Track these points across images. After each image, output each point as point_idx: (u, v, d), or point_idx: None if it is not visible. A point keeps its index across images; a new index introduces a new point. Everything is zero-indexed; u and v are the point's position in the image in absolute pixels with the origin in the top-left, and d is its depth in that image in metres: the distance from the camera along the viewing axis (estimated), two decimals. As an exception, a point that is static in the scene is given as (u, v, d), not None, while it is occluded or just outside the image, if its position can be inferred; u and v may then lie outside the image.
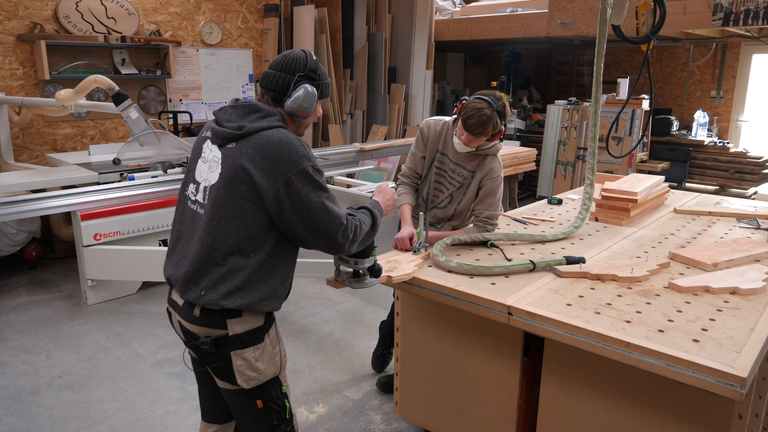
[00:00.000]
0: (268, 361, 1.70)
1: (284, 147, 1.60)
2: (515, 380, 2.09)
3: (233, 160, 1.62)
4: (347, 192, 4.23)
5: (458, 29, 7.65)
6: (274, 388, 1.74)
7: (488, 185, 2.50)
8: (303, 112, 1.69)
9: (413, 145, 2.70)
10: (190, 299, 1.65)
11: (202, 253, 1.64)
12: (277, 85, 1.70)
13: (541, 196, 6.99)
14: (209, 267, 1.63)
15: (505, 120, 2.41)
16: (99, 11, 5.75)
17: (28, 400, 2.94)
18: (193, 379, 3.06)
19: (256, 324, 1.67)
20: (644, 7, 2.67)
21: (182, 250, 1.71)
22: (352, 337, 3.67)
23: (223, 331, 1.64)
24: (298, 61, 1.71)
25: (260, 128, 1.63)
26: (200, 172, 1.71)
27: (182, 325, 1.72)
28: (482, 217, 2.52)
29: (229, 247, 1.62)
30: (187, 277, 1.66)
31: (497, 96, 2.39)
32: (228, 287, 1.60)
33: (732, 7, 5.24)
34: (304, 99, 1.68)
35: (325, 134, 7.55)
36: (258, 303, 1.63)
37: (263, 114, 1.67)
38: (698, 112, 6.85)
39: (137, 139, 4.35)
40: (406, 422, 2.75)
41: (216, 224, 1.63)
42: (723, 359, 1.50)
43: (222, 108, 1.74)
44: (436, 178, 2.64)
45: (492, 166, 2.51)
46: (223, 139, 1.66)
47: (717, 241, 2.57)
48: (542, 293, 1.96)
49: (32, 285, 4.50)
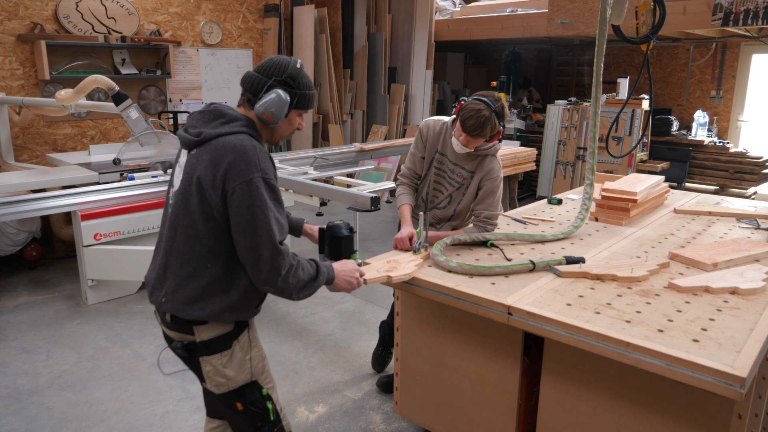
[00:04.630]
0: (237, 368, 1.69)
1: (235, 154, 1.54)
2: (515, 380, 2.09)
3: (191, 168, 1.60)
4: (347, 192, 4.23)
5: (458, 29, 7.65)
6: (251, 391, 1.73)
7: (487, 185, 2.50)
8: (270, 118, 1.62)
9: (412, 145, 2.70)
10: (154, 303, 1.68)
11: (164, 258, 1.65)
12: (251, 86, 1.66)
13: (541, 196, 6.99)
14: (168, 273, 1.64)
15: (504, 121, 2.40)
16: (99, 11, 5.75)
17: (28, 400, 2.94)
18: (192, 379, 3.07)
19: (223, 331, 1.65)
20: (644, 7, 2.67)
21: (157, 253, 1.73)
22: (352, 337, 3.67)
23: (192, 337, 1.66)
24: (278, 66, 1.65)
25: (218, 134, 1.59)
26: (175, 176, 1.72)
27: (162, 327, 1.75)
28: (482, 217, 2.52)
29: (184, 255, 1.61)
30: (154, 281, 1.68)
31: (496, 97, 2.38)
32: (185, 296, 1.60)
33: (732, 7, 5.25)
34: (272, 104, 1.61)
35: (325, 134, 7.55)
36: (218, 315, 1.61)
37: (226, 120, 1.63)
38: (698, 112, 6.85)
39: (137, 139, 4.35)
40: (406, 422, 2.76)
41: (173, 231, 1.63)
42: (723, 359, 1.50)
43: (192, 113, 1.72)
44: (435, 178, 2.64)
45: (491, 167, 2.51)
46: (186, 145, 1.65)
47: (717, 241, 2.57)
48: (542, 293, 1.96)
49: (32, 285, 4.50)
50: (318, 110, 7.49)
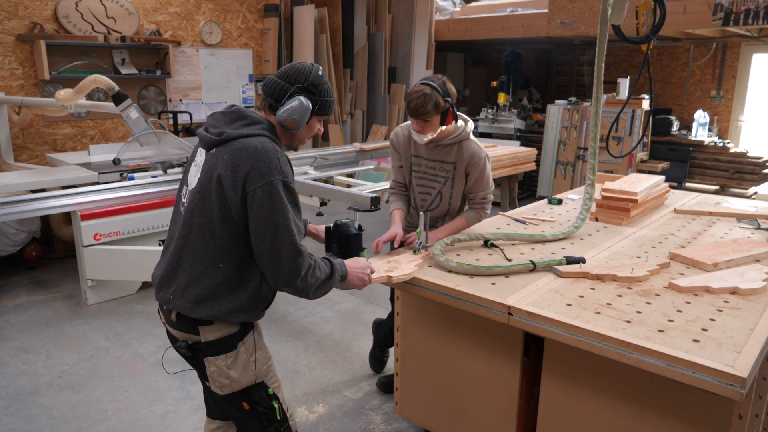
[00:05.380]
0: (242, 370, 1.69)
1: (256, 156, 1.56)
2: (515, 380, 2.09)
3: (210, 167, 1.61)
4: (347, 192, 4.22)
5: (458, 29, 7.65)
6: (258, 391, 1.74)
7: (474, 171, 2.48)
8: (292, 124, 1.65)
9: (390, 158, 2.71)
10: (161, 300, 1.68)
11: (175, 256, 1.65)
12: (274, 92, 1.68)
13: (541, 196, 6.99)
14: (179, 271, 1.64)
15: (450, 98, 2.32)
16: (99, 11, 5.75)
17: (28, 400, 2.94)
18: (192, 379, 3.07)
19: (229, 332, 1.66)
20: (644, 7, 2.67)
21: (167, 251, 1.73)
22: (352, 337, 3.66)
23: (197, 337, 1.66)
24: (301, 72, 1.68)
25: (240, 135, 1.60)
26: (191, 175, 1.72)
27: (166, 327, 1.75)
28: (477, 200, 2.55)
29: (197, 254, 1.61)
30: (162, 278, 1.68)
31: (437, 76, 2.35)
32: (195, 295, 1.60)
33: (732, 7, 5.24)
34: (295, 111, 1.64)
35: (325, 134, 7.55)
36: (225, 315, 1.62)
37: (248, 122, 1.65)
38: (698, 112, 6.85)
39: (137, 139, 4.35)
40: (406, 422, 2.75)
41: (188, 229, 1.63)
42: (723, 359, 1.50)
43: (213, 113, 1.74)
44: (418, 182, 2.62)
45: (471, 152, 2.46)
46: (206, 145, 1.66)
47: (717, 241, 2.57)
48: (542, 293, 1.96)
49: (32, 285, 4.50)
50: (318, 110, 7.48)
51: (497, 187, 6.76)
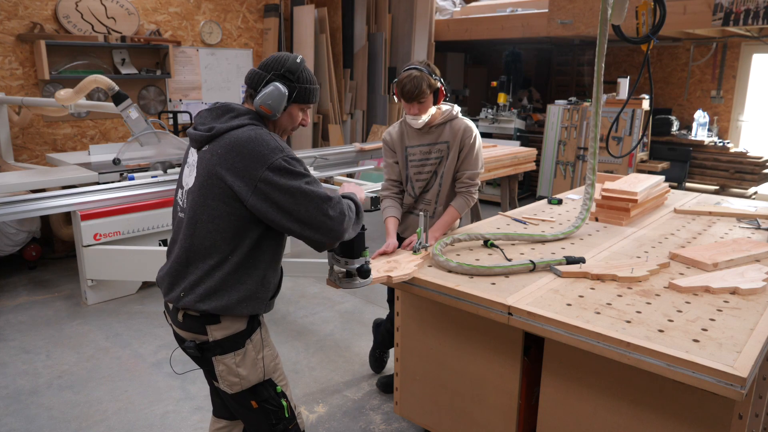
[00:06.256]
0: (250, 367, 1.70)
1: (253, 144, 1.58)
2: (515, 380, 2.09)
3: (206, 163, 1.63)
4: (347, 192, 4.22)
5: (458, 29, 7.65)
6: (266, 389, 1.74)
7: (467, 144, 2.55)
8: (267, 110, 1.66)
9: (383, 157, 2.76)
10: (171, 300, 1.68)
11: (182, 255, 1.66)
12: (252, 81, 1.71)
13: (541, 196, 6.99)
14: (188, 269, 1.65)
15: (438, 77, 2.43)
16: (99, 11, 5.75)
17: (28, 400, 2.94)
18: (193, 379, 3.07)
19: (236, 329, 1.66)
20: (644, 7, 2.67)
21: (171, 253, 1.74)
22: (352, 337, 3.66)
23: (205, 337, 1.66)
24: (279, 61, 1.70)
25: (229, 128, 1.62)
26: (185, 176, 1.74)
27: (173, 328, 1.75)
28: (463, 178, 2.57)
29: (206, 250, 1.62)
30: (170, 279, 1.69)
31: (418, 61, 2.45)
32: (205, 289, 1.61)
33: (732, 7, 5.24)
34: (269, 96, 1.65)
35: (325, 134, 7.55)
36: (235, 305, 1.62)
37: (235, 114, 1.67)
38: (698, 112, 6.85)
39: (137, 139, 4.35)
40: (406, 422, 2.75)
41: (193, 227, 1.64)
42: (723, 359, 1.50)
43: (200, 112, 1.75)
44: (415, 170, 2.66)
45: (463, 126, 2.55)
46: (198, 143, 1.67)
47: (717, 241, 2.57)
48: (542, 293, 1.96)
49: (32, 285, 4.50)
50: (318, 110, 7.49)
51: (497, 187, 6.75)
